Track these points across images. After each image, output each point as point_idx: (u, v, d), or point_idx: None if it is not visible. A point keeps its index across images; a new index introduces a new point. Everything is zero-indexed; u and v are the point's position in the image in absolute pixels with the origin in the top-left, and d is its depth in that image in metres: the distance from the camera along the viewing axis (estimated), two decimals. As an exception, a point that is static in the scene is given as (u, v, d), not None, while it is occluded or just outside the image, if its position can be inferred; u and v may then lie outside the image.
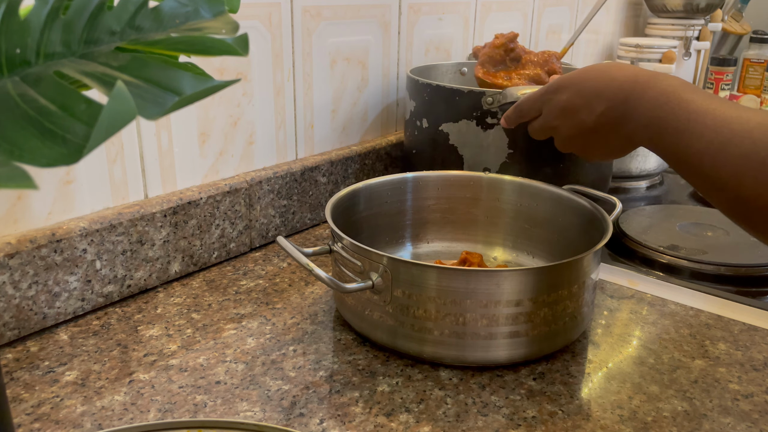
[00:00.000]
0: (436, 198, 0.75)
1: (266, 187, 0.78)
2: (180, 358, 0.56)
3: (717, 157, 0.45)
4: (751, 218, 0.45)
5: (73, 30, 0.26)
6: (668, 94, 0.51)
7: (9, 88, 0.23)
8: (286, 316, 0.63)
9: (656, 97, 0.51)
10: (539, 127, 0.64)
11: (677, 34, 1.59)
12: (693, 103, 0.49)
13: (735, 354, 0.59)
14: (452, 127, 0.81)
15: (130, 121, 0.20)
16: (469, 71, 1.03)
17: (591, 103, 0.57)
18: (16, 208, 0.58)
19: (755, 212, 0.44)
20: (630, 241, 0.84)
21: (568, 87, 0.59)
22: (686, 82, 0.52)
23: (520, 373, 0.55)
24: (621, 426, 0.49)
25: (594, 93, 0.57)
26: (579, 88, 0.58)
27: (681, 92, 0.50)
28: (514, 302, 0.53)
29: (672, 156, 0.50)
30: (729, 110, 0.46)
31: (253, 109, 0.77)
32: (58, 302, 0.60)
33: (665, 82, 0.52)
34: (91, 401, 0.50)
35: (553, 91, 0.61)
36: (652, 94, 0.52)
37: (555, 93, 0.61)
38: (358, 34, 0.89)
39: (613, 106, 0.55)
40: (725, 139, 0.45)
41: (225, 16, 0.30)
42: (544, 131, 0.64)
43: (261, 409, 0.50)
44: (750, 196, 0.44)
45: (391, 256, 0.53)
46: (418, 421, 0.49)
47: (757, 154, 0.43)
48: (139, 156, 0.66)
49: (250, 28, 0.74)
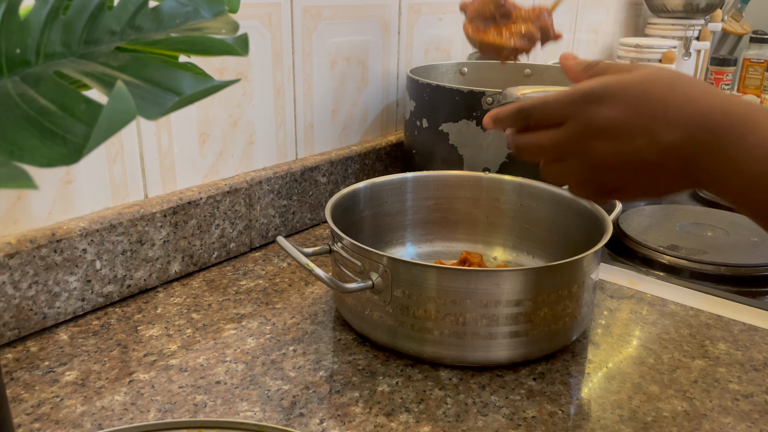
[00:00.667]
0: (436, 198, 0.75)
1: (266, 187, 0.78)
2: (180, 358, 0.56)
3: None
4: None
5: (73, 30, 0.26)
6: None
7: (9, 88, 0.23)
8: (286, 316, 0.63)
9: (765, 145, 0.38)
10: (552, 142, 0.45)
11: (677, 34, 1.59)
12: None
13: (735, 354, 0.59)
14: (452, 127, 0.81)
15: (130, 121, 0.20)
16: (469, 71, 1.03)
17: (655, 129, 0.41)
18: (16, 208, 0.58)
19: None
20: (630, 241, 0.84)
21: (618, 98, 0.42)
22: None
23: (520, 373, 0.55)
24: (621, 426, 0.49)
25: (662, 115, 0.41)
26: (637, 104, 0.42)
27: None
28: (514, 302, 0.53)
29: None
30: None
31: (253, 109, 0.77)
32: (58, 302, 0.60)
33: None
34: (91, 401, 0.50)
35: (592, 100, 0.43)
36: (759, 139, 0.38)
37: (594, 103, 0.43)
38: (358, 34, 0.89)
39: (691, 138, 0.40)
40: None
41: (225, 16, 0.30)
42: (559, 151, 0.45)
43: (261, 409, 0.50)
44: None
45: (391, 256, 0.53)
46: (418, 421, 0.49)
47: None
48: (139, 156, 0.66)
49: (250, 28, 0.74)
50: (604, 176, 0.44)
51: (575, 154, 0.45)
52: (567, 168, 0.46)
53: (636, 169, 0.43)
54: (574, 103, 0.44)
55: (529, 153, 0.47)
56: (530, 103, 0.46)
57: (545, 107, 0.46)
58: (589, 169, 0.44)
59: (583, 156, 0.44)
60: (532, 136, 0.47)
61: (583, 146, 0.44)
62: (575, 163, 0.45)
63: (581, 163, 0.45)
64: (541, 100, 0.46)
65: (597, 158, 0.44)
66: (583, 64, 0.47)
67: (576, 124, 0.44)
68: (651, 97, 0.41)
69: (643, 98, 0.42)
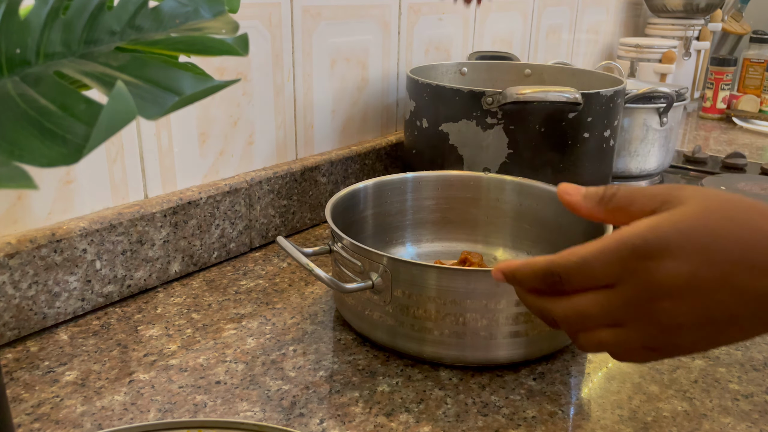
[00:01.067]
0: (436, 198, 0.75)
1: (266, 187, 0.78)
2: (180, 358, 0.56)
3: None
4: None
5: (73, 30, 0.26)
6: None
7: (9, 88, 0.23)
8: (286, 316, 0.63)
9: None
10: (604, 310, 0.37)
11: (677, 34, 1.60)
12: None
13: (735, 354, 0.59)
14: (452, 127, 0.81)
15: (130, 121, 0.20)
16: (469, 71, 1.03)
17: (738, 277, 0.34)
18: (16, 208, 0.58)
19: None
20: (630, 241, 0.84)
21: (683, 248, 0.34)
22: None
23: (520, 373, 0.55)
24: (621, 426, 0.49)
25: (742, 261, 0.34)
26: (707, 252, 0.34)
27: None
28: (514, 302, 0.53)
29: None
30: None
31: (253, 109, 0.77)
32: (58, 302, 0.60)
33: None
34: (91, 401, 0.50)
35: (650, 256, 0.35)
36: None
37: (653, 259, 0.35)
38: (358, 34, 0.89)
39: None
40: None
41: (225, 16, 0.30)
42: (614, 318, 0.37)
43: (261, 409, 0.50)
44: None
45: (391, 256, 0.53)
46: (418, 421, 0.49)
47: None
48: (139, 156, 0.66)
49: (250, 28, 0.74)
50: (681, 339, 0.36)
51: (639, 319, 0.36)
52: (626, 335, 0.37)
53: (721, 324, 0.35)
54: (626, 261, 0.35)
55: (569, 323, 0.38)
56: (563, 264, 0.38)
57: (586, 269, 0.37)
58: (661, 332, 0.36)
59: (650, 320, 0.36)
60: (571, 302, 0.38)
61: (649, 309, 0.36)
62: (639, 328, 0.37)
63: (648, 330, 0.37)
64: (578, 260, 0.37)
65: (670, 321, 0.36)
66: (593, 196, 0.41)
67: (635, 285, 0.36)
68: (721, 238, 0.34)
69: (713, 244, 0.34)
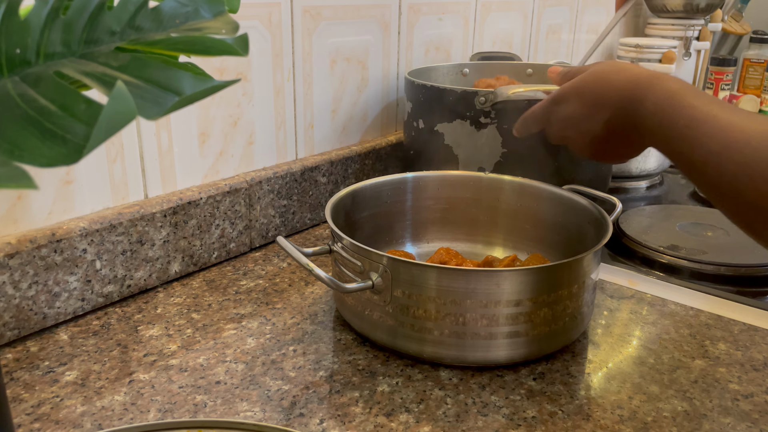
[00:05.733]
0: (436, 198, 0.75)
1: (266, 187, 0.78)
2: (180, 358, 0.56)
3: (718, 164, 0.45)
4: (753, 225, 0.45)
5: (73, 30, 0.26)
6: (668, 99, 0.50)
7: (9, 88, 0.23)
8: (286, 316, 0.63)
9: (657, 103, 0.50)
10: (552, 136, 0.64)
11: (677, 34, 1.59)
12: (693, 109, 0.48)
13: (735, 354, 0.59)
14: (447, 127, 0.81)
15: (130, 121, 0.20)
16: (470, 72, 1.03)
17: (595, 112, 0.56)
18: (16, 208, 0.58)
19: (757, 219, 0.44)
20: (630, 241, 0.84)
21: (570, 97, 0.58)
22: (686, 85, 0.51)
23: (520, 373, 0.55)
24: (621, 426, 0.49)
25: (595, 101, 0.56)
26: (580, 98, 0.57)
27: (681, 97, 0.49)
28: (514, 302, 0.53)
29: (678, 162, 0.50)
30: (729, 116, 0.46)
31: (253, 109, 0.77)
32: (58, 302, 0.60)
33: (665, 86, 0.50)
34: (91, 401, 0.50)
35: (556, 103, 0.60)
36: (653, 100, 0.50)
37: (558, 104, 0.60)
38: (358, 34, 0.89)
39: (617, 113, 0.54)
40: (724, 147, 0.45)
41: (225, 16, 0.30)
42: (558, 140, 0.63)
43: (261, 409, 0.50)
44: (751, 203, 0.43)
45: (391, 256, 0.53)
46: (418, 421, 0.49)
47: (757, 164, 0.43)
48: (139, 156, 0.66)
49: (250, 28, 0.74)
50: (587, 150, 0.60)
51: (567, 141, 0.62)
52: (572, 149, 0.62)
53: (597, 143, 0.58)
54: (546, 109, 0.62)
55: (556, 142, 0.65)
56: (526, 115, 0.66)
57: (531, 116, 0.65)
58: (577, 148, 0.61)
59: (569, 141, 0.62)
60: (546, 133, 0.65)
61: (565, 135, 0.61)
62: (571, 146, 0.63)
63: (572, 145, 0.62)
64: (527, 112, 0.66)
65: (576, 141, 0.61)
66: (562, 72, 0.63)
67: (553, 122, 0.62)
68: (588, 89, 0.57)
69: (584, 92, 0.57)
